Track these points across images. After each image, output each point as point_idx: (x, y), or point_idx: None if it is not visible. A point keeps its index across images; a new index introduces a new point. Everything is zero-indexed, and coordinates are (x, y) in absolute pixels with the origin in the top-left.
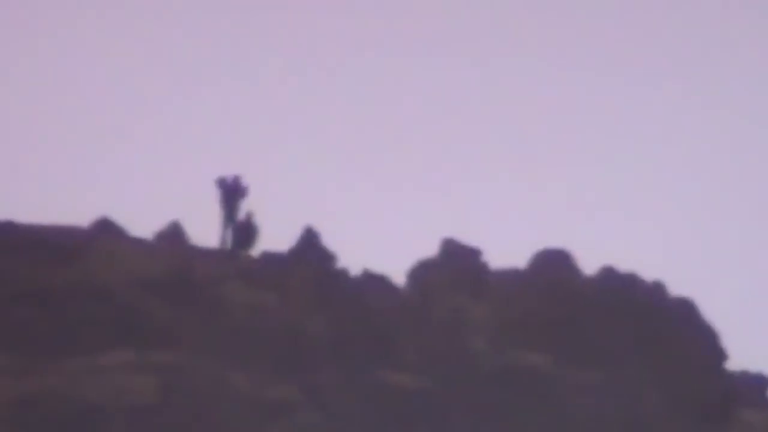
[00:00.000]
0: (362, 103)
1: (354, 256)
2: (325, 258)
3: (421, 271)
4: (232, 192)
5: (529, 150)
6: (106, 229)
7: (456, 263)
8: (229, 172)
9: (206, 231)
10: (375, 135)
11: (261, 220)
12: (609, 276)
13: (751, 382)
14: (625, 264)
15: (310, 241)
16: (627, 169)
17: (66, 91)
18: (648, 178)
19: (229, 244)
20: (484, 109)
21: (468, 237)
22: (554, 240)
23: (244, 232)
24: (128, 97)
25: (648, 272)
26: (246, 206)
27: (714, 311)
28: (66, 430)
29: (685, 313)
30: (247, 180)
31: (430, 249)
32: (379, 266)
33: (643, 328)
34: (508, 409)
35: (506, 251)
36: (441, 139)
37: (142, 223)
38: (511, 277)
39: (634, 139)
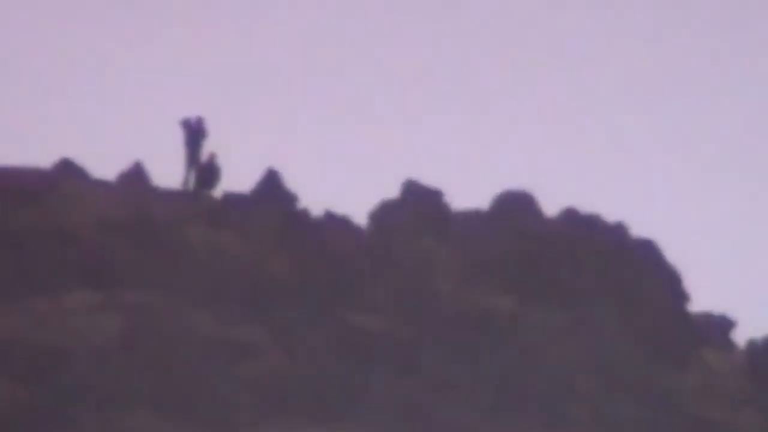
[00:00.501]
0: (325, 43)
1: (316, 197)
2: (288, 199)
3: (384, 213)
4: (195, 133)
5: (492, 90)
6: (68, 170)
7: (418, 204)
8: (192, 113)
9: (169, 172)
10: (337, 75)
11: (223, 162)
12: (571, 217)
13: (714, 323)
14: (587, 205)
15: (272, 182)
16: (590, 109)
17: (30, 30)
18: (611, 118)
19: (191, 186)
20: (448, 48)
21: (430, 178)
22: (516, 181)
23: (206, 173)
24: (93, 37)
25: (610, 213)
26: (209, 147)
27: (677, 252)
28: (30, 371)
29: (647, 254)
30: (210, 121)
31: (392, 190)
32: (341, 207)
33: (606, 269)
34: (473, 350)
35: (468, 193)
36: (405, 78)
37: (105, 165)
38: (473, 218)
39: (596, 78)
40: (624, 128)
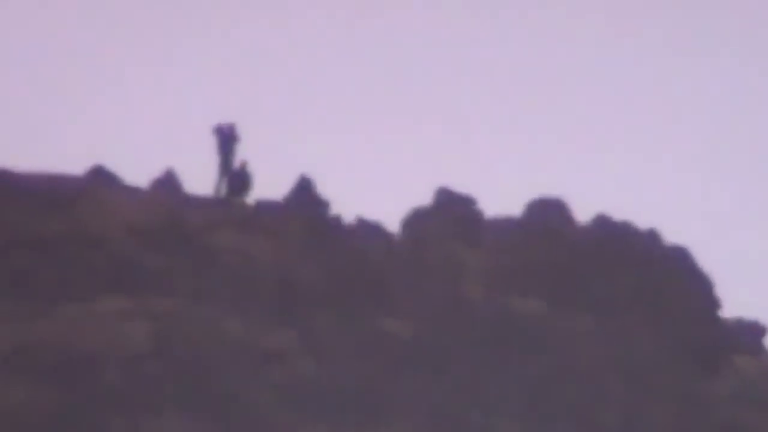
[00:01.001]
0: (357, 50)
1: (348, 204)
2: (319, 205)
3: (416, 219)
4: (227, 140)
5: (524, 98)
6: (100, 177)
7: (450, 211)
8: (224, 119)
9: (201, 179)
10: (370, 82)
11: (255, 168)
12: (603, 224)
13: (746, 329)
14: (619, 212)
15: (304, 188)
16: (622, 117)
17: (61, 36)
18: (643, 125)
19: (223, 192)
20: (480, 57)
21: (462, 185)
22: (549, 188)
23: (238, 180)
24: (124, 44)
25: (643, 220)
26: (241, 154)
27: (709, 259)
28: (60, 377)
29: (679, 260)
30: (242, 128)
31: (424, 197)
32: (373, 214)
33: (637, 275)
34: (503, 356)
35: (501, 200)
36: (437, 86)
37: (136, 172)
38: (505, 225)
39: (630, 85)
40: (658, 134)
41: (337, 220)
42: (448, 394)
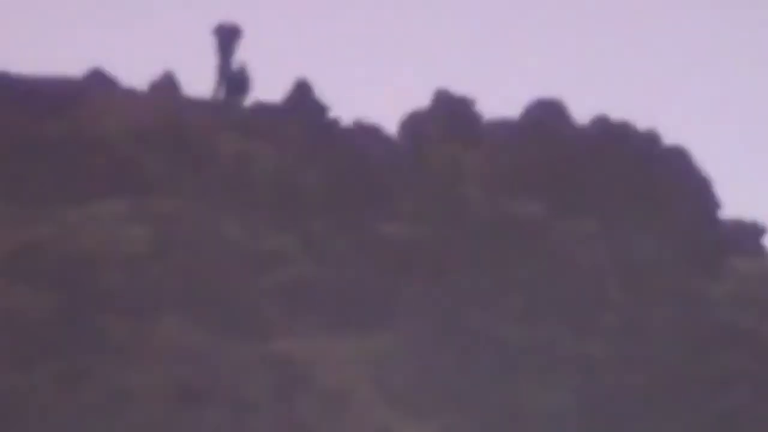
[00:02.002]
0: None
1: (346, 106)
2: (318, 108)
3: (414, 122)
4: (228, 41)
5: None
6: (99, 79)
7: (449, 113)
8: (225, 20)
9: (199, 81)
10: None
11: (254, 71)
12: (602, 125)
13: (745, 230)
14: (618, 113)
15: (302, 91)
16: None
17: None
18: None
19: (222, 95)
20: None
21: (461, 87)
22: (548, 89)
23: (237, 82)
24: None
25: (642, 121)
26: (241, 56)
27: (708, 159)
28: (61, 279)
29: (678, 161)
30: (243, 29)
31: (423, 100)
32: (371, 117)
33: (636, 177)
34: (503, 258)
35: (499, 101)
36: None
37: (136, 74)
38: (504, 127)
39: None
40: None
41: (335, 123)
42: (448, 296)
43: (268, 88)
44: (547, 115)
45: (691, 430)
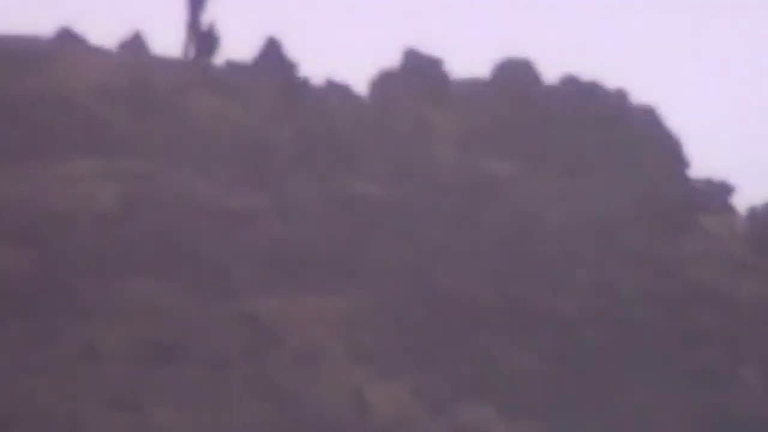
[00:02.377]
0: None
1: (316, 65)
2: (288, 67)
3: (384, 81)
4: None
5: None
6: (67, 38)
7: (418, 73)
8: None
9: (168, 40)
10: None
11: (224, 29)
12: (571, 84)
13: (714, 189)
14: (587, 72)
15: (272, 50)
16: None
17: None
18: None
19: (191, 53)
20: None
21: (430, 46)
22: (516, 48)
23: (206, 40)
24: None
25: (610, 80)
26: (210, 14)
27: (677, 118)
28: (30, 238)
29: (647, 120)
30: None
31: (392, 59)
32: (341, 75)
33: (606, 136)
34: (473, 216)
35: (468, 61)
36: None
37: (105, 34)
38: (473, 86)
39: None
40: None
41: (305, 82)
42: (418, 255)
43: (238, 46)
44: (516, 74)
45: (662, 388)
